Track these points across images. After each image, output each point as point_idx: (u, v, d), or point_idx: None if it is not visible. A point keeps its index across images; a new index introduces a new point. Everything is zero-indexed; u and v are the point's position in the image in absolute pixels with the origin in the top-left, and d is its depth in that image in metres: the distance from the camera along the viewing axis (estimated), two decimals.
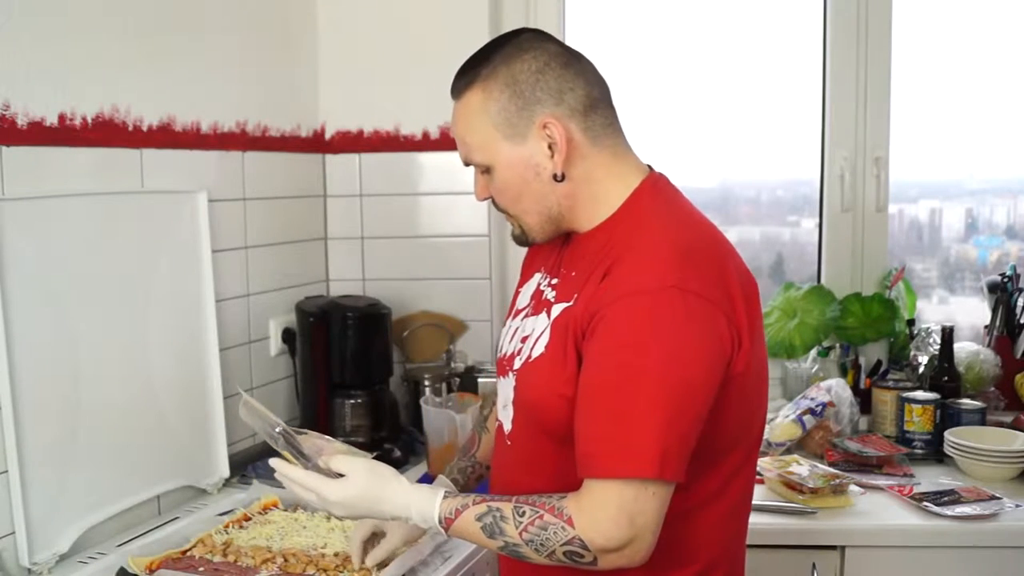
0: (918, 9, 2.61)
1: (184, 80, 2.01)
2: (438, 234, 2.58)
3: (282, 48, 2.42)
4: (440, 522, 1.29)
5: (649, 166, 1.39)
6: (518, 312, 1.46)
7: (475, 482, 1.61)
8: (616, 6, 2.74)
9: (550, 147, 1.30)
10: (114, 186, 1.82)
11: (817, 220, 2.70)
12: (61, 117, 1.70)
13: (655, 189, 1.35)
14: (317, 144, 2.56)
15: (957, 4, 2.68)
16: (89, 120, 1.76)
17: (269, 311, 2.32)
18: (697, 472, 1.25)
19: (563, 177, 1.31)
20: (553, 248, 1.44)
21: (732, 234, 2.83)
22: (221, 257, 2.11)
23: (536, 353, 1.33)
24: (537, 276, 1.46)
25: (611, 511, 1.19)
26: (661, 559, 1.25)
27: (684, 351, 1.20)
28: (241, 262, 2.22)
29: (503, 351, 1.45)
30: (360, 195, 2.60)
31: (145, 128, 1.90)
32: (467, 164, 1.39)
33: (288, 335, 2.35)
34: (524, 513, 1.24)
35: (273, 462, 1.39)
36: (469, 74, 1.33)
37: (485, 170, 1.36)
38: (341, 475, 1.35)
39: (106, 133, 1.80)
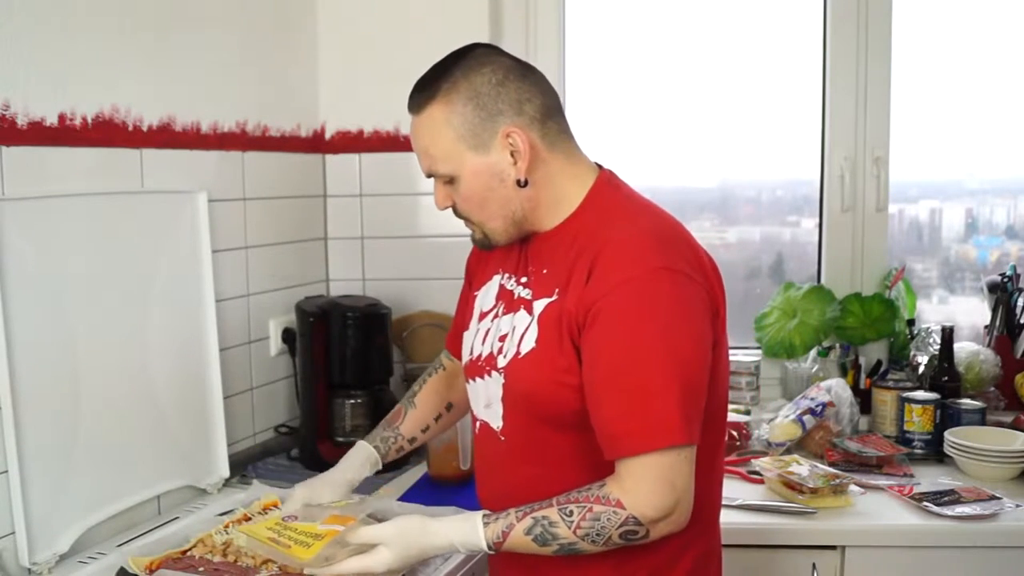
0: (918, 9, 2.61)
1: (184, 80, 2.01)
2: (438, 234, 2.58)
3: (282, 48, 2.42)
4: (489, 548, 1.33)
5: (598, 164, 1.47)
6: (484, 314, 1.52)
7: (395, 452, 1.72)
8: (616, 6, 2.74)
9: (513, 155, 1.37)
10: (114, 186, 1.81)
11: (817, 220, 2.70)
12: (61, 117, 1.70)
13: (611, 184, 1.44)
14: (317, 144, 2.56)
15: (957, 4, 2.68)
16: (89, 120, 1.76)
17: (269, 311, 2.32)
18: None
19: (526, 182, 1.38)
20: (510, 250, 1.49)
21: (732, 234, 2.84)
22: (221, 257, 2.10)
23: (525, 348, 1.38)
24: (497, 278, 1.52)
25: (653, 483, 1.27)
26: None
27: (681, 325, 1.29)
28: (241, 262, 2.22)
29: (476, 353, 1.50)
30: (360, 195, 2.60)
31: (145, 128, 1.89)
32: (429, 175, 1.44)
33: (288, 335, 2.34)
34: (572, 512, 1.29)
35: (309, 572, 1.40)
36: (429, 89, 1.38)
37: (448, 180, 1.41)
38: (374, 545, 1.38)
39: (106, 133, 1.80)
